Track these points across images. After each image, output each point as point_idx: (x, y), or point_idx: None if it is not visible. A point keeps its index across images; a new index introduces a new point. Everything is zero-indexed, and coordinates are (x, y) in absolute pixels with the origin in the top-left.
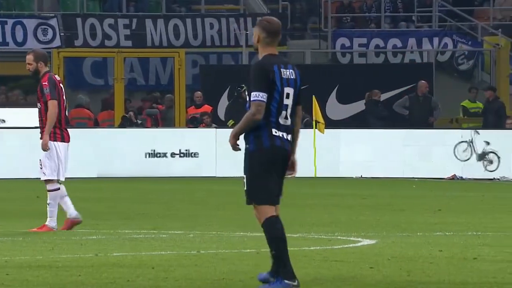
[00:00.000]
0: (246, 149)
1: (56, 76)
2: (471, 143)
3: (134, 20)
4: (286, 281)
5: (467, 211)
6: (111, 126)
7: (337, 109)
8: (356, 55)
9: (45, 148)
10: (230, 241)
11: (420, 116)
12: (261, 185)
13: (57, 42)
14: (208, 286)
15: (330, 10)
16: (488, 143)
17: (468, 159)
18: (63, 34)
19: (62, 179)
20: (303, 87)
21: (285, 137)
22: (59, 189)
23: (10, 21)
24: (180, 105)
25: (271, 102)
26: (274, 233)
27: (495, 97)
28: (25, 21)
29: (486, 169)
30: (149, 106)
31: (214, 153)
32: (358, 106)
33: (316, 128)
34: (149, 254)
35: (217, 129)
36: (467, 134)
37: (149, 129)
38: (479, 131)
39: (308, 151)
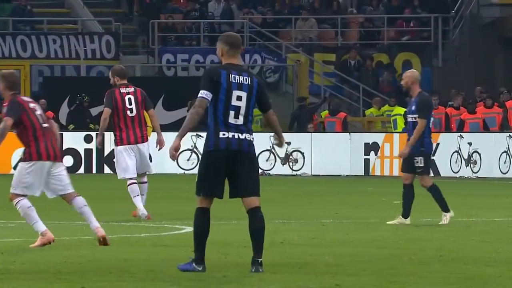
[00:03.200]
0: None
1: (122, 90)
2: (273, 150)
3: None
4: (194, 265)
5: (275, 202)
6: None
7: (163, 115)
8: (180, 69)
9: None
10: (71, 229)
11: None
12: (200, 181)
13: None
14: (51, 268)
15: (156, 30)
16: (289, 143)
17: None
18: None
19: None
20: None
21: (236, 136)
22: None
23: None
24: None
25: (217, 101)
26: (195, 221)
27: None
28: None
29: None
30: None
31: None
32: (181, 113)
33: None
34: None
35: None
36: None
37: None
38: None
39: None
